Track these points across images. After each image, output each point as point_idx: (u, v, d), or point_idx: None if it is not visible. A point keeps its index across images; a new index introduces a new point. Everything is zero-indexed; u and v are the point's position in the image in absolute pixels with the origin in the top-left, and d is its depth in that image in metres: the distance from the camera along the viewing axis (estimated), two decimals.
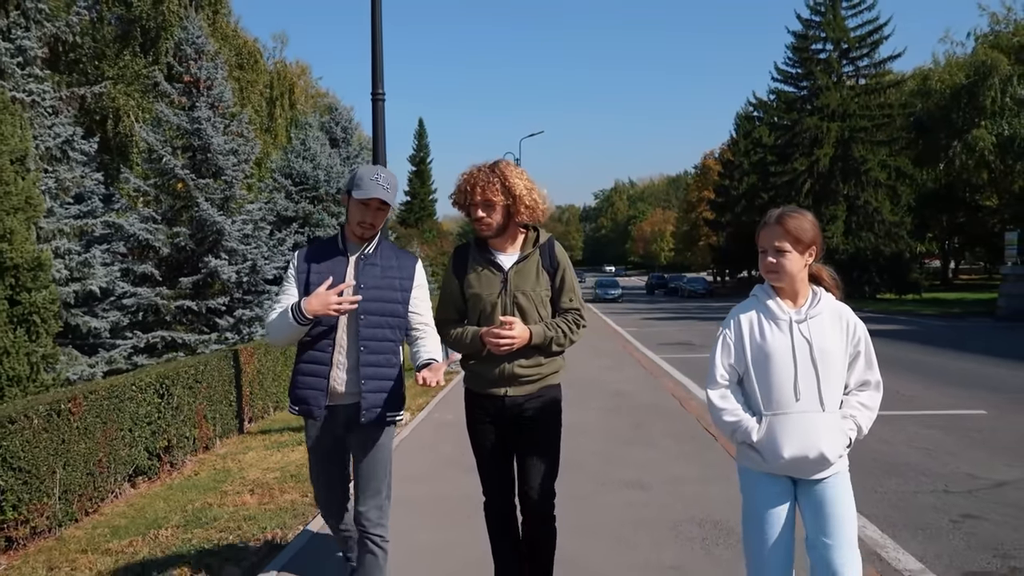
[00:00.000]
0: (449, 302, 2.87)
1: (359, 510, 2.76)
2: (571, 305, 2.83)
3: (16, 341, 7.19)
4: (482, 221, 2.72)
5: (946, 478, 5.07)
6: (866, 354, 2.29)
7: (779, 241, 2.22)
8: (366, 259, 2.74)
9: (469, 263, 2.82)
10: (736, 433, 2.26)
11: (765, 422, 2.21)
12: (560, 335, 2.75)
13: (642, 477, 5.00)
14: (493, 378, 2.74)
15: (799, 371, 2.19)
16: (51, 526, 4.76)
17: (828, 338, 2.22)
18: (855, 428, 2.23)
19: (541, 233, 2.86)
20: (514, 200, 2.70)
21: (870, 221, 34.83)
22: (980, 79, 34.07)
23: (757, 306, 2.32)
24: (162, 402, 6.12)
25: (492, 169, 2.74)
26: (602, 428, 6.74)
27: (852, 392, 2.28)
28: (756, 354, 2.25)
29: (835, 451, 2.17)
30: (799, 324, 2.22)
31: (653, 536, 3.91)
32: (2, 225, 7.70)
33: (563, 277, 2.82)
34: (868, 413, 2.26)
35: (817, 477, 2.21)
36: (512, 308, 2.72)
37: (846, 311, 2.30)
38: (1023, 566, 3.56)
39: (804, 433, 2.16)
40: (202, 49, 14.49)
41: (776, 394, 2.20)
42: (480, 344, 2.69)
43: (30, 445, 4.56)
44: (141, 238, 13.15)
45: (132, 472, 5.76)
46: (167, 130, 14.10)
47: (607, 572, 3.44)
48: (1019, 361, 11.48)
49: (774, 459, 2.20)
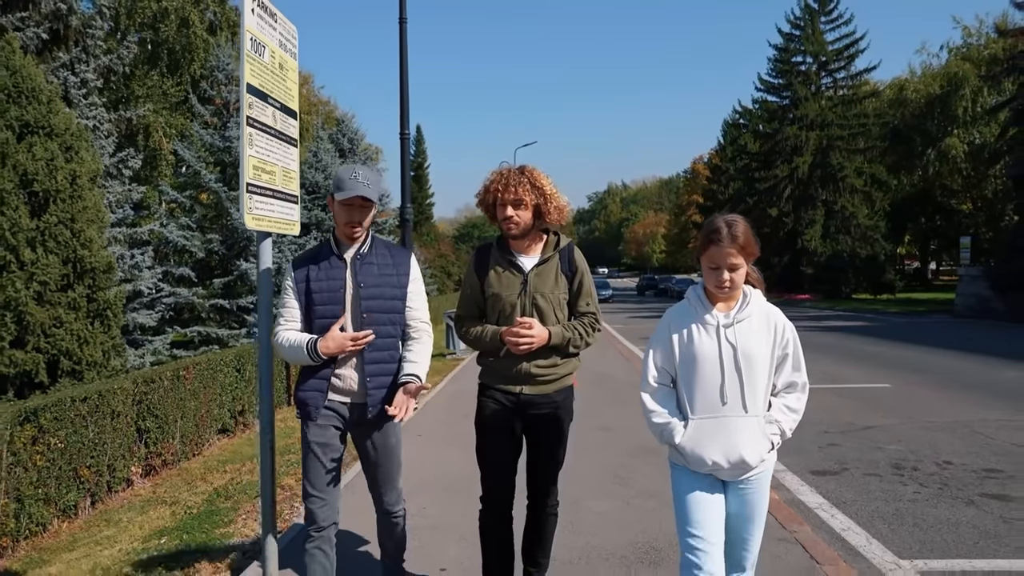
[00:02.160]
0: (470, 300, 2.91)
1: (382, 498, 2.87)
2: (588, 309, 2.87)
3: (94, 332, 8.68)
4: (511, 220, 2.74)
5: (830, 425, 6.87)
6: (794, 356, 2.29)
7: (734, 258, 2.20)
8: (362, 259, 2.74)
9: (491, 263, 2.85)
10: (663, 435, 2.29)
11: (691, 426, 2.24)
12: (577, 337, 2.79)
13: (610, 424, 6.79)
14: (510, 375, 2.78)
15: (725, 376, 2.20)
16: (174, 460, 6.52)
17: (755, 342, 2.23)
18: (779, 432, 2.24)
19: (561, 237, 2.90)
20: (545, 200, 2.75)
21: (847, 225, 36.72)
22: (953, 90, 35.87)
23: (688, 309, 2.33)
24: (239, 376, 7.86)
25: (520, 170, 2.80)
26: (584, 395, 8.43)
27: (779, 394, 2.30)
28: (684, 358, 2.27)
29: (756, 456, 2.20)
30: (727, 328, 2.23)
31: (614, 454, 5.69)
32: (84, 235, 9.32)
33: (581, 281, 2.86)
34: (793, 416, 2.27)
35: (741, 477, 2.26)
36: (531, 309, 2.75)
37: (775, 313, 2.30)
38: (851, 468, 5.37)
39: (727, 438, 2.19)
40: (231, 75, 16.28)
41: (702, 398, 2.23)
42: (499, 343, 2.74)
43: (161, 400, 6.32)
44: (179, 244, 14.93)
45: (220, 428, 7.51)
46: (199, 147, 15.87)
47: (585, 471, 5.18)
48: (943, 348, 13.31)
49: (697, 464, 2.24)
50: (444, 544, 3.75)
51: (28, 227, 7.77)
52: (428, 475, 5.22)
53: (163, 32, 20.32)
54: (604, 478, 5.08)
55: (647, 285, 55.88)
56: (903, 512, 4.40)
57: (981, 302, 22.42)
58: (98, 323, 9.01)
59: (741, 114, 49.06)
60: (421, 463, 5.58)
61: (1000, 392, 8.53)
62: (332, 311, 2.67)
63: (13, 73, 8.03)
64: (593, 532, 3.98)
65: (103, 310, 9.03)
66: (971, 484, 4.93)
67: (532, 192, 2.73)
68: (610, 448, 5.83)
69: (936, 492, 4.79)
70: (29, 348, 7.42)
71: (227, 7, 22.87)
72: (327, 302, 2.68)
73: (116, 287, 9.43)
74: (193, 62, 20.79)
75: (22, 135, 7.88)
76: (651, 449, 5.79)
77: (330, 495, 2.74)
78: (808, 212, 37.39)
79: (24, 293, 7.51)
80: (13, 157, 7.67)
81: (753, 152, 43.18)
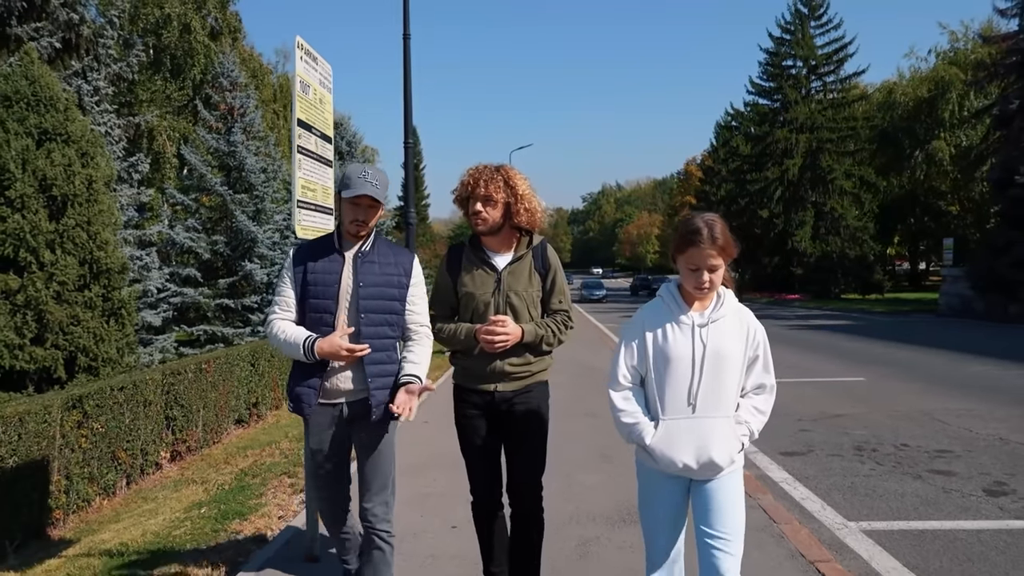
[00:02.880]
0: (443, 299, 2.90)
1: (365, 507, 2.75)
2: (560, 307, 2.90)
3: (109, 330, 9.07)
4: (479, 215, 2.76)
5: (803, 413, 7.45)
6: (764, 358, 2.29)
7: (714, 259, 2.19)
8: (364, 257, 2.73)
9: (463, 262, 2.86)
10: (631, 435, 2.28)
11: (661, 427, 2.22)
12: (550, 335, 2.82)
13: (596, 410, 7.34)
14: (483, 374, 2.79)
15: (697, 376, 2.19)
16: (197, 447, 7.04)
17: (729, 342, 2.22)
18: (747, 433, 2.25)
19: (534, 236, 2.92)
20: (516, 199, 2.77)
21: (836, 226, 37.44)
22: (939, 93, 36.57)
23: (662, 308, 2.31)
24: (253, 370, 8.39)
25: (496, 168, 2.81)
26: (573, 384, 9.09)
27: (748, 395, 2.29)
28: (657, 357, 2.25)
29: (726, 457, 2.20)
30: (702, 328, 2.22)
31: (601, 437, 6.24)
32: (100, 237, 9.77)
33: (554, 279, 2.89)
34: (761, 418, 2.28)
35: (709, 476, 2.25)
36: (505, 307, 2.77)
37: (746, 314, 2.30)
38: (817, 450, 5.95)
39: (697, 440, 2.18)
40: (236, 81, 16.81)
41: (673, 398, 2.22)
42: (473, 341, 2.75)
43: (186, 391, 6.85)
44: (185, 246, 15.42)
45: (236, 418, 8.03)
46: (204, 151, 16.37)
47: (575, 451, 5.72)
48: (919, 345, 13.93)
49: (667, 465, 2.22)
50: (454, 506, 4.27)
51: (47, 230, 8.14)
52: (436, 453, 5.76)
53: (166, 38, 20.80)
54: (592, 457, 5.64)
55: (640, 285, 56.44)
56: (857, 485, 4.98)
57: (963, 302, 23.08)
58: (113, 321, 9.38)
59: (733, 116, 49.73)
60: (429, 443, 6.13)
61: (963, 385, 9.13)
62: (324, 305, 2.68)
63: (32, 82, 8.41)
64: (582, 499, 4.54)
65: (118, 309, 9.37)
66: (922, 462, 5.50)
67: (504, 190, 2.75)
68: (597, 432, 6.39)
69: (890, 469, 5.36)
70: (48, 345, 7.73)
71: (228, 12, 23.35)
72: (320, 296, 2.68)
73: (129, 287, 9.93)
74: (195, 67, 21.27)
75: (41, 142, 8.20)
76: None
77: (339, 497, 2.81)
78: (798, 213, 38.10)
79: (44, 292, 7.87)
80: (33, 163, 8.05)
81: (744, 154, 43.86)
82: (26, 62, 8.68)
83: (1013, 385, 9.03)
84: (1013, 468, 5.27)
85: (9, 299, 7.84)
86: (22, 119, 8.13)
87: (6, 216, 7.77)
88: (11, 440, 4.54)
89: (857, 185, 37.93)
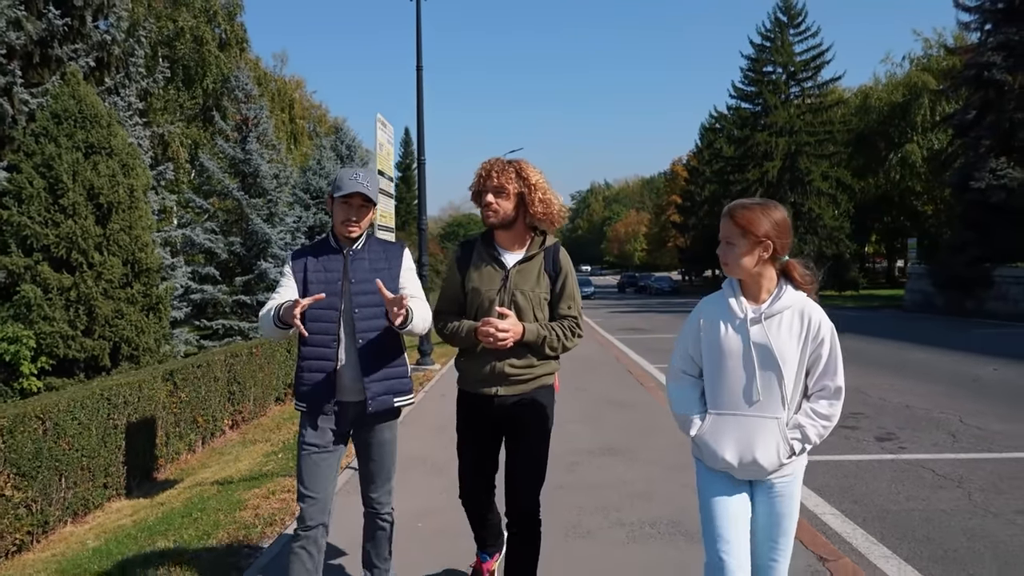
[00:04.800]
0: (450, 296, 2.87)
1: (371, 496, 2.85)
2: (569, 312, 2.82)
3: (148, 323, 10.09)
4: (490, 207, 2.72)
5: None
6: (829, 358, 2.17)
7: (727, 232, 2.16)
8: (355, 254, 2.77)
9: (473, 258, 2.82)
10: (683, 426, 2.26)
11: (709, 420, 2.19)
12: (554, 338, 2.74)
13: (586, 386, 8.80)
14: (484, 376, 2.75)
15: (747, 373, 2.13)
16: (250, 417, 8.43)
17: (783, 340, 2.12)
18: (800, 438, 2.13)
19: (548, 237, 2.85)
20: (529, 189, 2.70)
21: (814, 226, 39.09)
22: (913, 98, 38.31)
23: (719, 300, 2.26)
24: (288, 355, 9.76)
25: (509, 160, 2.78)
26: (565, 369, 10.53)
27: (811, 396, 2.18)
28: (709, 350, 2.21)
29: (771, 460, 2.11)
30: (753, 324, 2.15)
31: (589, 404, 7.68)
32: (140, 240, 10.99)
33: (564, 283, 2.81)
34: (820, 423, 2.15)
35: (767, 478, 2.17)
36: (510, 306, 2.71)
37: (813, 310, 2.19)
38: None
39: (743, 437, 2.12)
40: (250, 93, 18.14)
41: (721, 393, 2.17)
42: (475, 338, 2.70)
43: (242, 369, 8.23)
44: (204, 246, 16.76)
45: (276, 397, 9.42)
46: (221, 159, 17.70)
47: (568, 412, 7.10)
48: (874, 336, 15.48)
49: (712, 460, 2.19)
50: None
51: (96, 234, 9.24)
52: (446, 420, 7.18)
53: (179, 50, 22.05)
54: (582, 417, 7.10)
55: (627, 283, 58.08)
56: None
57: (926, 298, 24.76)
58: (152, 315, 10.48)
59: (717, 119, 51.34)
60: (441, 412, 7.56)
61: (898, 367, 10.68)
62: (329, 302, 2.68)
63: (79, 101, 9.55)
64: (573, 441, 6.00)
65: (155, 304, 10.38)
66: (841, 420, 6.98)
67: (516, 181, 2.72)
68: (586, 400, 7.87)
69: None
70: (96, 336, 8.88)
71: (235, 24, 24.61)
72: (324, 293, 2.68)
73: (165, 284, 11.23)
74: (206, 77, 22.52)
75: (88, 155, 9.26)
76: (617, 402, 7.80)
77: (322, 495, 2.76)
78: None
79: (94, 289, 8.96)
80: (82, 174, 9.04)
81: (728, 156, 45.45)
82: (73, 83, 9.93)
83: (941, 369, 10.57)
84: (905, 424, 6.77)
85: (63, 295, 9.04)
86: (71, 135, 9.23)
87: (60, 222, 8.90)
88: (134, 401, 5.92)
89: (834, 186, 39.60)
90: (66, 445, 5.03)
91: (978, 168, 21.90)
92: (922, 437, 6.27)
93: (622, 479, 5.00)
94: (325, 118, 48.03)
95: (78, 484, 5.22)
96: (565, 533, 3.98)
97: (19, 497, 4.65)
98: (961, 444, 6.00)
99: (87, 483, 5.31)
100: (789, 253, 2.22)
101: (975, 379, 9.45)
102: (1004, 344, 13.77)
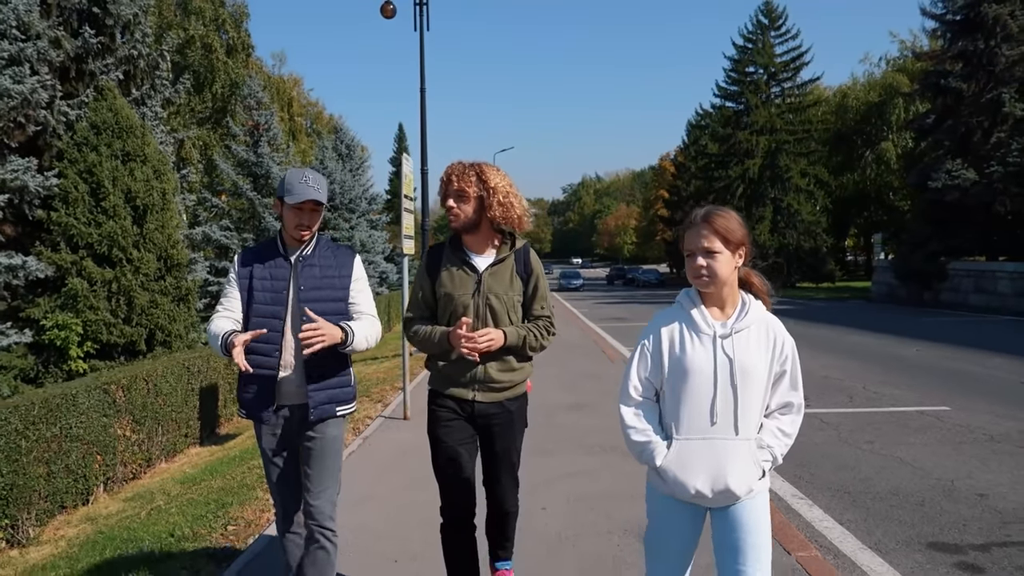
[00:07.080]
0: (420, 301, 2.84)
1: (312, 504, 2.76)
2: (542, 313, 2.85)
3: (179, 312, 11.31)
4: (452, 211, 2.73)
5: None
6: (792, 373, 2.10)
7: (708, 241, 2.01)
8: (305, 260, 2.74)
9: (443, 262, 2.81)
10: (642, 455, 2.09)
11: (675, 447, 2.03)
12: (533, 338, 2.78)
13: (566, 364, 10.43)
14: (463, 380, 2.75)
15: (718, 392, 2.00)
16: None
17: (753, 356, 2.02)
18: (770, 459, 2.06)
19: (517, 239, 2.86)
20: (488, 192, 2.70)
21: (792, 221, 40.86)
22: (888, 98, 40.00)
23: (680, 315, 2.11)
24: None
25: (471, 164, 2.77)
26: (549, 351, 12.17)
27: (773, 415, 2.10)
28: (673, 370, 2.05)
29: (744, 485, 2.01)
30: (723, 339, 2.02)
31: (568, 377, 9.29)
32: (172, 238, 12.31)
33: (536, 284, 2.83)
34: (786, 440, 2.08)
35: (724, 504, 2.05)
36: (484, 310, 2.72)
37: (775, 325, 2.10)
38: None
39: (713, 463, 2.00)
40: (260, 101, 19.63)
41: (689, 416, 2.02)
42: (448, 345, 2.67)
43: None
44: (220, 242, 18.28)
45: None
46: (233, 162, 19.19)
47: (549, 384, 8.73)
48: (831, 324, 17.16)
49: (679, 490, 2.04)
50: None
51: (133, 233, 10.48)
52: None
53: (190, 57, 23.45)
54: (560, 385, 8.74)
55: (616, 275, 59.61)
56: None
57: (890, 289, 26.52)
58: (182, 305, 11.65)
59: (702, 116, 52.86)
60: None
61: (834, 347, 12.38)
62: (274, 311, 2.69)
63: (115, 113, 10.84)
64: (551, 400, 7.61)
65: (185, 295, 11.51)
66: None
67: (476, 185, 2.71)
68: (565, 375, 9.51)
69: None
70: (134, 324, 10.12)
71: (242, 31, 26.00)
72: (269, 302, 2.70)
73: (193, 277, 12.66)
74: (215, 82, 23.94)
75: (124, 161, 10.50)
76: (592, 374, 9.45)
77: (289, 496, 2.83)
78: (758, 209, 41.46)
79: (133, 281, 10.22)
80: (121, 180, 10.26)
81: (712, 153, 47.06)
82: (110, 97, 11.35)
83: (870, 349, 12.26)
84: (817, 390, 8.39)
85: (105, 287, 10.36)
86: (110, 144, 10.46)
87: (102, 222, 10.14)
88: (205, 370, 7.50)
89: (811, 183, 41.36)
90: (162, 402, 6.61)
91: (935, 169, 23.57)
92: (826, 398, 7.92)
93: (585, 424, 6.62)
94: (322, 115, 49.31)
95: (169, 432, 6.80)
96: (534, 452, 5.58)
97: (135, 438, 6.23)
98: (854, 403, 7.66)
99: (175, 432, 6.90)
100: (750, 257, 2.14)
101: (898, 358, 11.11)
102: (940, 330, 15.49)
